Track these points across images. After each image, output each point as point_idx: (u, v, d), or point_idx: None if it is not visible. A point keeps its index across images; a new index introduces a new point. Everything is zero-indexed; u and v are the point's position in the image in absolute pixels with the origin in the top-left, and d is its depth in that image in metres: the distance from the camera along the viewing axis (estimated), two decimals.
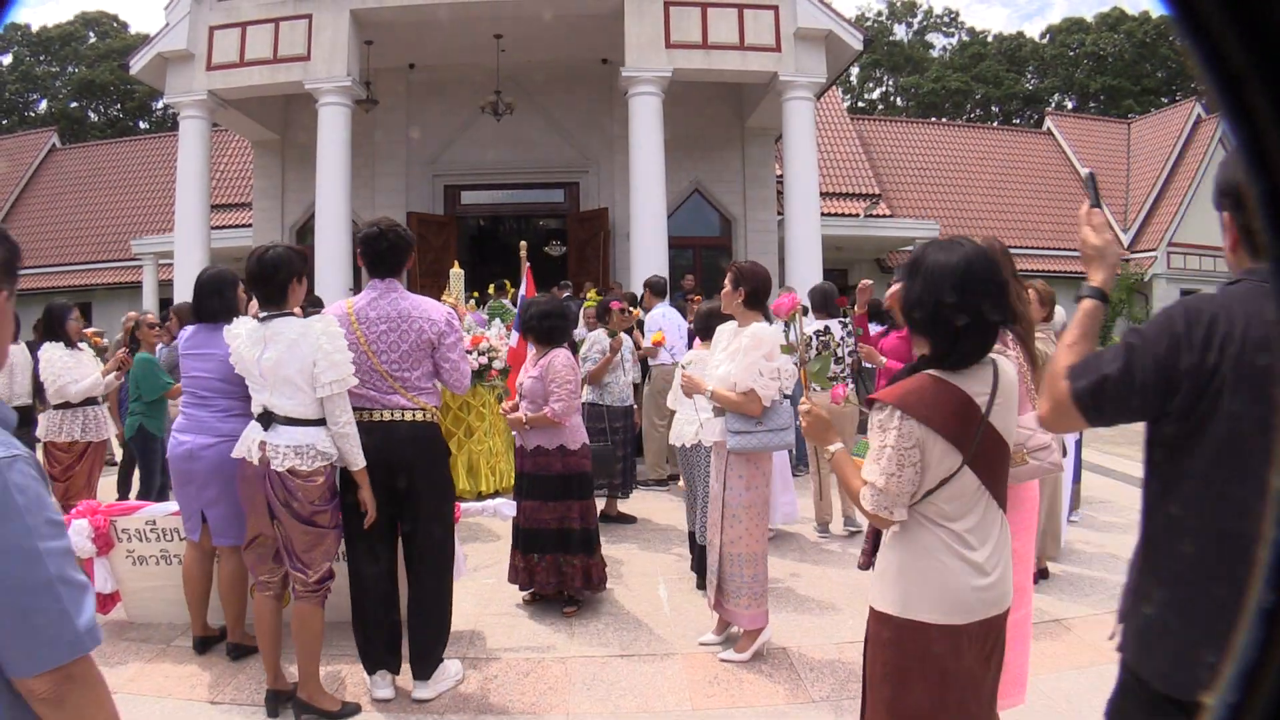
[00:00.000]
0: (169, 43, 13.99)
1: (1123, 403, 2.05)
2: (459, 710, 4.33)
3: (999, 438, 2.58)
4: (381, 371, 4.32)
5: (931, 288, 2.50)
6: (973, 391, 2.53)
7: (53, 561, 1.51)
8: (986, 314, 2.48)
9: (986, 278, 2.49)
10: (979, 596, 2.55)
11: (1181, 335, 1.97)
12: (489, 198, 18.02)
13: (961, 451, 2.49)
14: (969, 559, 2.54)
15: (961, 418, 2.50)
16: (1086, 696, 4.42)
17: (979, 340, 2.53)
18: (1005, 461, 2.65)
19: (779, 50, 13.53)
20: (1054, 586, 6.16)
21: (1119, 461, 10.59)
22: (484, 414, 8.62)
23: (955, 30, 59.05)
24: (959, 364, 2.53)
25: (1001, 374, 2.60)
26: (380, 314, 4.36)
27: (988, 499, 2.58)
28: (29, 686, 1.50)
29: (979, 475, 2.54)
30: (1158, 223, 29.37)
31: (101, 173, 29.99)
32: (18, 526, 1.47)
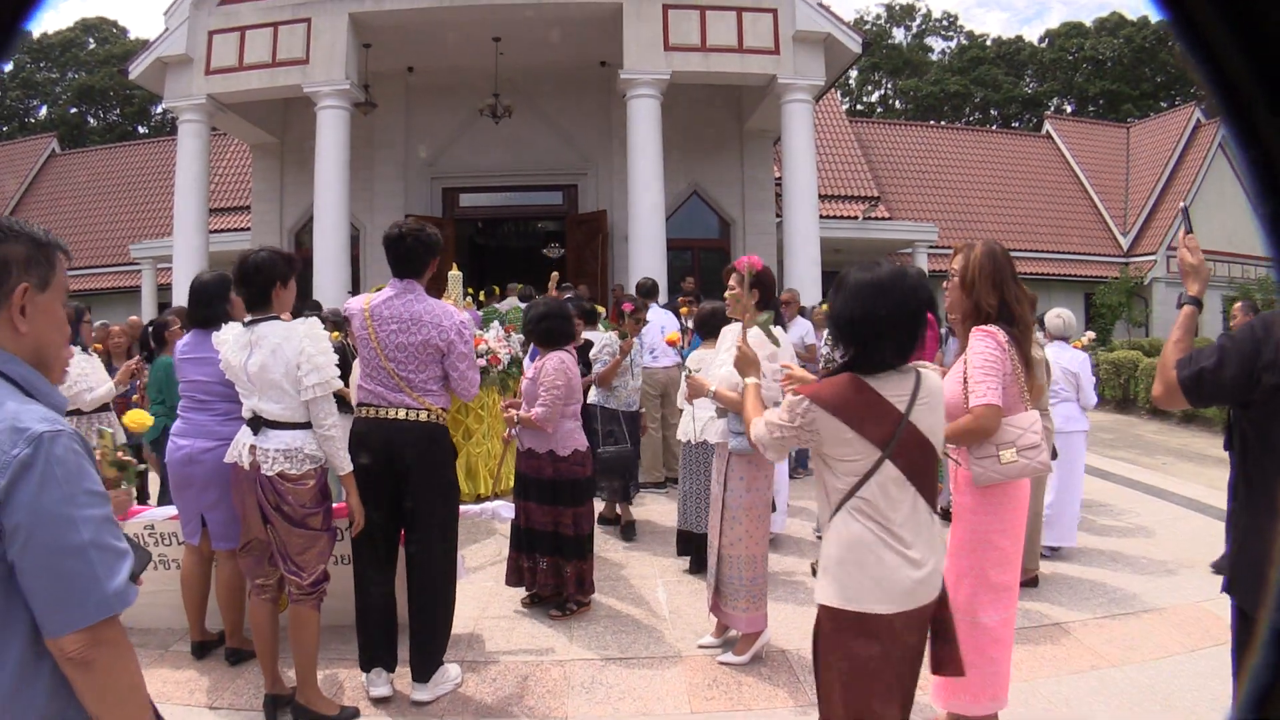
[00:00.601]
0: (168, 47, 14.03)
1: (1217, 390, 2.65)
2: (458, 713, 4.31)
3: (921, 437, 2.83)
4: (389, 370, 4.33)
5: (851, 302, 2.84)
6: (889, 394, 2.80)
7: (88, 528, 1.64)
8: (897, 328, 2.81)
9: (899, 296, 2.81)
10: (913, 587, 2.78)
11: (1261, 339, 2.54)
12: (487, 200, 18.05)
13: (879, 446, 2.77)
14: (902, 553, 2.77)
15: (876, 415, 2.79)
16: (1085, 701, 4.42)
17: (892, 349, 2.83)
18: (930, 459, 2.88)
19: (778, 53, 13.56)
20: (1053, 590, 6.14)
21: (1120, 465, 10.56)
22: (482, 416, 8.60)
23: (954, 34, 59.17)
24: (874, 369, 2.82)
25: (924, 380, 2.88)
26: (393, 313, 4.36)
27: (914, 494, 2.82)
28: (60, 646, 1.62)
29: (902, 470, 2.79)
30: (1157, 227, 29.40)
31: (101, 178, 30.03)
32: (55, 494, 1.61)
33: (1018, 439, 3.62)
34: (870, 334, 2.82)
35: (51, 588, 1.61)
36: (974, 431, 3.62)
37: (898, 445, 2.79)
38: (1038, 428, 3.68)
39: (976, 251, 3.80)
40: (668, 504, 8.49)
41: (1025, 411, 3.71)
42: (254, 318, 4.12)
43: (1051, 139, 33.70)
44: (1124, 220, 30.45)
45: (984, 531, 3.74)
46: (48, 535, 1.60)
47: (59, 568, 1.61)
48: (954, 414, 3.72)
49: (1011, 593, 3.82)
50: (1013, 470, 3.63)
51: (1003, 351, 3.62)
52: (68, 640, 1.62)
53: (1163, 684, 4.59)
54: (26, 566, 1.60)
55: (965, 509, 3.82)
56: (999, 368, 3.60)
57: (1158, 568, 6.67)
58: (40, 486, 1.60)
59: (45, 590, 1.61)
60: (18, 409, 1.65)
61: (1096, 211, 31.06)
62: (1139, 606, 5.83)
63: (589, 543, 5.64)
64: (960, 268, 3.86)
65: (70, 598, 1.62)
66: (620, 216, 15.46)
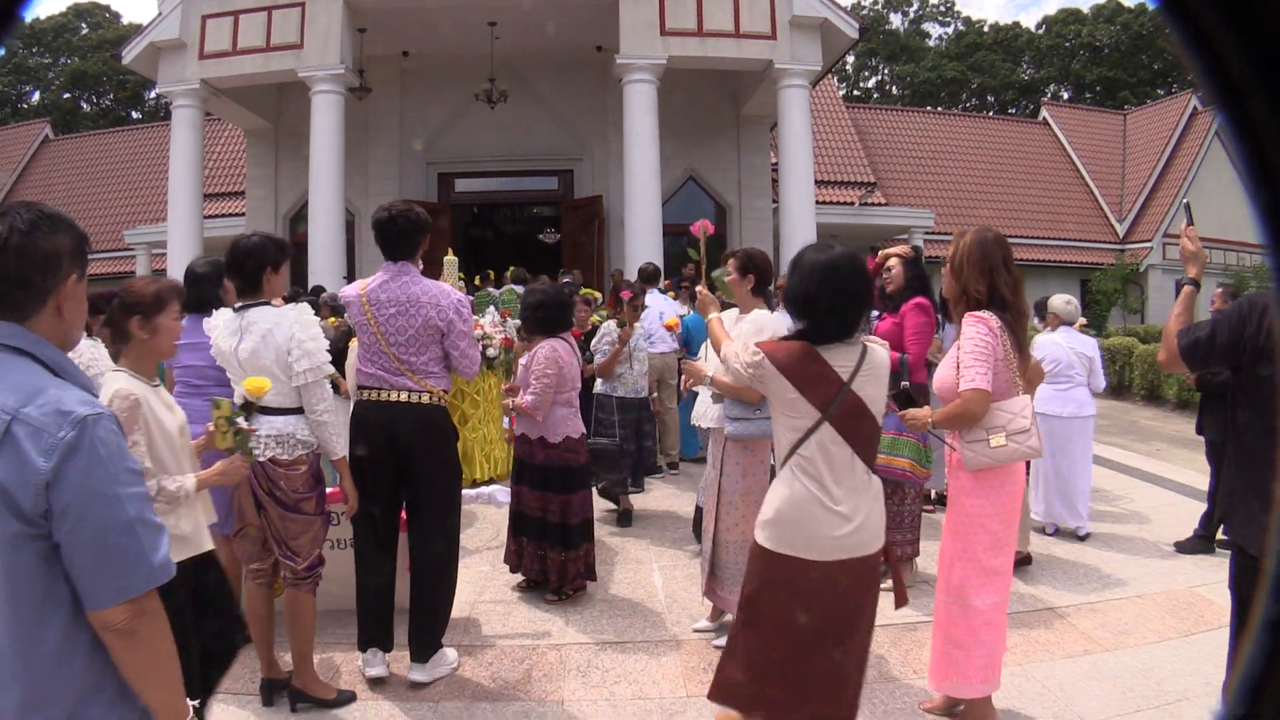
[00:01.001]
0: (161, 32, 13.95)
1: (1210, 354, 3.18)
2: (455, 697, 4.32)
3: (862, 405, 3.15)
4: (389, 354, 4.35)
5: (804, 280, 3.18)
6: (835, 363, 3.13)
7: (132, 505, 1.75)
8: (843, 304, 3.15)
9: (847, 275, 3.16)
10: (838, 541, 3.10)
11: (1246, 315, 3.09)
12: (483, 185, 18.00)
13: (820, 409, 3.11)
14: (833, 509, 3.09)
15: (819, 381, 3.12)
16: (1080, 685, 4.43)
17: (838, 323, 3.16)
18: (869, 427, 3.20)
19: (774, 38, 13.52)
20: (1047, 575, 6.15)
21: (1115, 451, 10.57)
22: (479, 401, 8.59)
23: (951, 20, 59.00)
24: (821, 340, 3.15)
25: (870, 353, 3.20)
26: (390, 297, 4.37)
27: (851, 455, 3.14)
28: (106, 618, 1.72)
29: (840, 432, 3.12)
30: (1153, 214, 29.42)
31: (94, 163, 29.94)
32: (101, 474, 1.70)
33: (1008, 424, 3.68)
34: (819, 309, 3.16)
35: (101, 563, 1.71)
36: (962, 416, 3.67)
37: (838, 410, 3.12)
38: (1028, 413, 3.72)
39: (967, 239, 3.85)
40: (664, 489, 8.50)
41: (1017, 396, 3.75)
42: (245, 303, 4.11)
43: (1048, 125, 33.68)
44: (1120, 207, 30.46)
45: (976, 515, 3.78)
46: (97, 514, 1.69)
47: (108, 544, 1.71)
48: (947, 398, 3.77)
49: (1004, 576, 3.86)
50: (1001, 455, 3.68)
51: (994, 337, 3.67)
52: (116, 611, 1.71)
53: (1156, 668, 4.61)
54: (76, 544, 1.69)
55: (959, 492, 3.87)
56: (989, 353, 3.64)
57: (1151, 552, 6.68)
58: (87, 467, 1.69)
59: (94, 565, 1.71)
60: (59, 393, 1.73)
61: (1093, 198, 31.06)
62: (1133, 591, 5.84)
63: (579, 533, 5.58)
64: (951, 254, 3.91)
65: (119, 571, 1.72)
66: (616, 202, 15.44)
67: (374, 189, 16.46)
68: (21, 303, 1.80)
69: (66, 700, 1.73)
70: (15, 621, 1.70)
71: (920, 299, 5.81)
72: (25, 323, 1.80)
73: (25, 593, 1.70)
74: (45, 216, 1.83)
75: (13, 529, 1.67)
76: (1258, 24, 0.69)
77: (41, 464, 1.66)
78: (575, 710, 4.20)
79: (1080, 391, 6.96)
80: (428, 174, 17.21)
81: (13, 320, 1.79)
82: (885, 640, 5.00)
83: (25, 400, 1.70)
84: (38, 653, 1.71)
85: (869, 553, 3.18)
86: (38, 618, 1.71)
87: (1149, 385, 16.11)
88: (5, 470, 1.66)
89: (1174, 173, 29.89)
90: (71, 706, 1.73)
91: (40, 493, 1.66)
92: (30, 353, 1.78)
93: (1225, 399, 6.63)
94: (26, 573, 1.70)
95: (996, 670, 3.87)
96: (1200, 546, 6.64)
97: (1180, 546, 6.71)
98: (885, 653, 4.83)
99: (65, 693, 1.73)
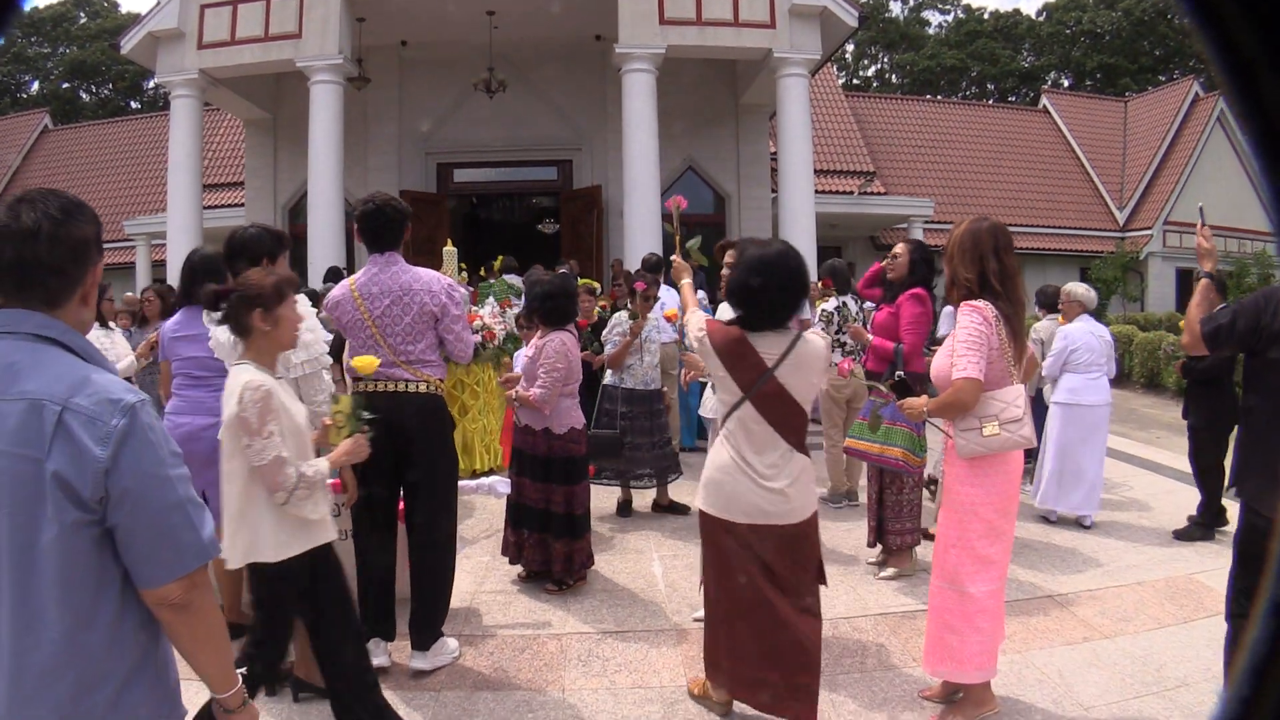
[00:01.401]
0: (160, 22, 13.91)
1: (1230, 338, 3.52)
2: (456, 686, 4.34)
3: (783, 391, 3.55)
4: (385, 346, 4.37)
5: (741, 272, 3.59)
6: (762, 350, 3.54)
7: (181, 485, 1.83)
8: (775, 295, 3.55)
9: (780, 270, 3.55)
10: (759, 505, 3.55)
11: (1263, 305, 3.43)
12: (482, 175, 17.96)
13: (742, 389, 3.56)
14: (754, 478, 3.54)
15: (745, 365, 3.55)
16: (1080, 672, 4.44)
17: (766, 313, 3.58)
18: (791, 411, 3.59)
19: (773, 26, 13.47)
20: (1046, 562, 6.17)
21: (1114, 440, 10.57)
22: (478, 392, 8.60)
23: (951, 7, 58.77)
24: (753, 328, 3.58)
25: (801, 343, 3.57)
26: (382, 288, 4.39)
27: (772, 433, 3.57)
28: (164, 594, 1.81)
29: (761, 413, 3.55)
30: (1154, 201, 29.37)
31: (94, 153, 29.86)
32: (152, 458, 1.78)
33: (1001, 412, 3.70)
34: (752, 299, 3.58)
35: (158, 542, 1.79)
36: (954, 404, 3.73)
37: (758, 393, 3.54)
38: (1022, 402, 3.75)
39: (961, 228, 3.89)
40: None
41: (1011, 386, 3.78)
42: None
43: (1048, 113, 33.58)
44: (1120, 195, 30.41)
45: (970, 503, 3.81)
46: (153, 496, 1.77)
47: (164, 523, 1.79)
48: (943, 386, 3.81)
49: (999, 564, 3.88)
50: (994, 443, 3.71)
51: (989, 326, 3.69)
52: (172, 587, 1.80)
53: (1155, 655, 4.63)
54: (134, 526, 1.76)
55: (953, 481, 3.89)
56: (983, 342, 3.67)
57: (1151, 539, 6.70)
58: (140, 453, 1.76)
59: (151, 545, 1.79)
60: (104, 381, 1.79)
61: (1093, 186, 31.01)
62: (1132, 578, 5.86)
63: (581, 523, 5.60)
64: (946, 243, 3.97)
65: (175, 549, 1.80)
66: (615, 191, 15.41)
67: (373, 179, 16.41)
68: (55, 291, 1.83)
69: (115, 681, 1.79)
70: (66, 610, 1.74)
71: (918, 290, 5.84)
72: (54, 311, 1.83)
73: (79, 579, 1.75)
74: (75, 204, 1.86)
75: (71, 517, 1.72)
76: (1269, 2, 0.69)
77: (99, 452, 1.71)
78: (576, 699, 4.22)
79: (1105, 380, 7.04)
80: (426, 164, 17.17)
81: (42, 309, 1.82)
82: (885, 628, 5.03)
83: (73, 390, 1.74)
84: (91, 638, 1.76)
85: (788, 522, 3.60)
86: (92, 603, 1.77)
87: (1149, 373, 16.14)
88: (63, 461, 1.70)
89: (1175, 160, 29.83)
90: (119, 687, 1.80)
91: (99, 480, 1.72)
92: (62, 342, 1.81)
93: (1210, 385, 6.74)
94: (82, 559, 1.75)
95: (993, 657, 3.90)
96: (1199, 533, 6.67)
97: (1179, 534, 6.74)
98: (885, 640, 4.85)
99: (115, 674, 1.79)
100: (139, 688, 1.84)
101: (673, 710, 4.10)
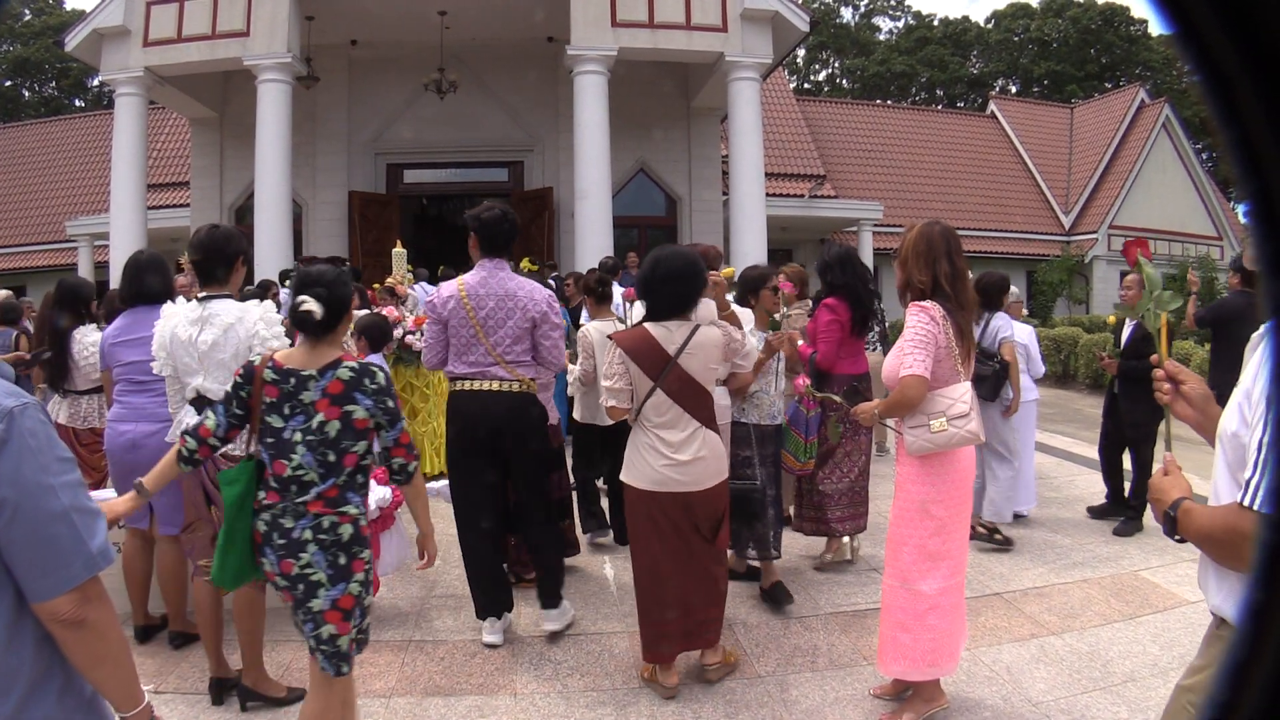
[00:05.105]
0: (105, 18, 13.67)
1: None
2: (407, 693, 4.29)
3: (687, 375, 4.07)
4: (486, 345, 4.66)
5: (641, 269, 4.23)
6: (663, 340, 4.06)
7: (66, 493, 1.72)
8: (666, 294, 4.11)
9: (667, 264, 4.10)
10: (669, 475, 4.07)
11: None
12: (432, 176, 17.85)
13: (651, 378, 4.05)
14: (664, 452, 4.07)
15: (651, 356, 4.05)
16: (1028, 668, 4.49)
17: (664, 303, 4.12)
18: (696, 392, 4.11)
19: (725, 30, 13.54)
20: (993, 561, 6.23)
21: (1060, 439, 10.75)
22: (428, 395, 8.53)
23: (901, 13, 59.46)
24: (655, 320, 4.12)
25: (699, 334, 4.09)
26: (489, 291, 4.68)
27: (681, 413, 4.09)
28: (52, 609, 1.70)
29: (671, 397, 4.07)
30: (1099, 206, 29.90)
31: (35, 152, 29.24)
32: (33, 465, 1.67)
33: (948, 409, 3.77)
34: (648, 293, 4.18)
35: (40, 554, 1.68)
36: (900, 402, 3.79)
37: (665, 379, 4.05)
38: (968, 398, 3.81)
39: (914, 231, 3.95)
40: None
41: (958, 383, 3.84)
42: (209, 294, 4.06)
43: (996, 119, 34.09)
44: (1066, 199, 30.93)
45: (921, 501, 3.85)
46: (32, 505, 1.67)
47: (46, 534, 1.68)
48: (893, 386, 3.85)
49: (950, 561, 3.90)
50: (941, 439, 3.77)
51: (936, 325, 3.74)
52: (60, 602, 1.70)
53: (1102, 650, 4.69)
54: (14, 537, 1.66)
55: (905, 479, 3.94)
56: (929, 341, 3.73)
57: (1097, 537, 6.78)
58: (19, 460, 1.65)
59: (34, 557, 1.68)
60: None
61: (1039, 190, 31.52)
62: (1078, 576, 5.93)
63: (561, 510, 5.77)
64: (899, 246, 4.02)
65: (59, 560, 1.70)
66: (566, 193, 15.38)
67: (321, 180, 16.28)
68: None
69: (18, 693, 1.70)
70: None
71: (829, 299, 5.98)
72: None
73: None
74: None
75: None
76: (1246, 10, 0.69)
77: None
78: (528, 703, 4.19)
79: (1023, 378, 7.09)
80: (376, 164, 17.03)
81: None
82: (835, 627, 5.05)
83: None
84: None
85: (697, 489, 4.12)
86: None
87: (1093, 374, 16.38)
88: None
89: (1120, 165, 30.41)
90: (22, 700, 1.71)
91: None
92: None
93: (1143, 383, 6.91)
94: None
95: (945, 654, 3.91)
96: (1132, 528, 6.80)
97: (1118, 531, 6.85)
98: (835, 640, 4.87)
99: (15, 685, 1.70)
100: (46, 700, 1.75)
101: (625, 712, 4.08)
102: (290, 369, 3.06)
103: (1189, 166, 30.96)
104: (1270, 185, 0.71)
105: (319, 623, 3.03)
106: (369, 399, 3.05)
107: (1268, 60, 0.68)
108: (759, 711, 4.09)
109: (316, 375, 3.03)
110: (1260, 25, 0.68)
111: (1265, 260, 0.73)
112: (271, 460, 3.05)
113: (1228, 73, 0.71)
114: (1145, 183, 29.36)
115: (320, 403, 3.02)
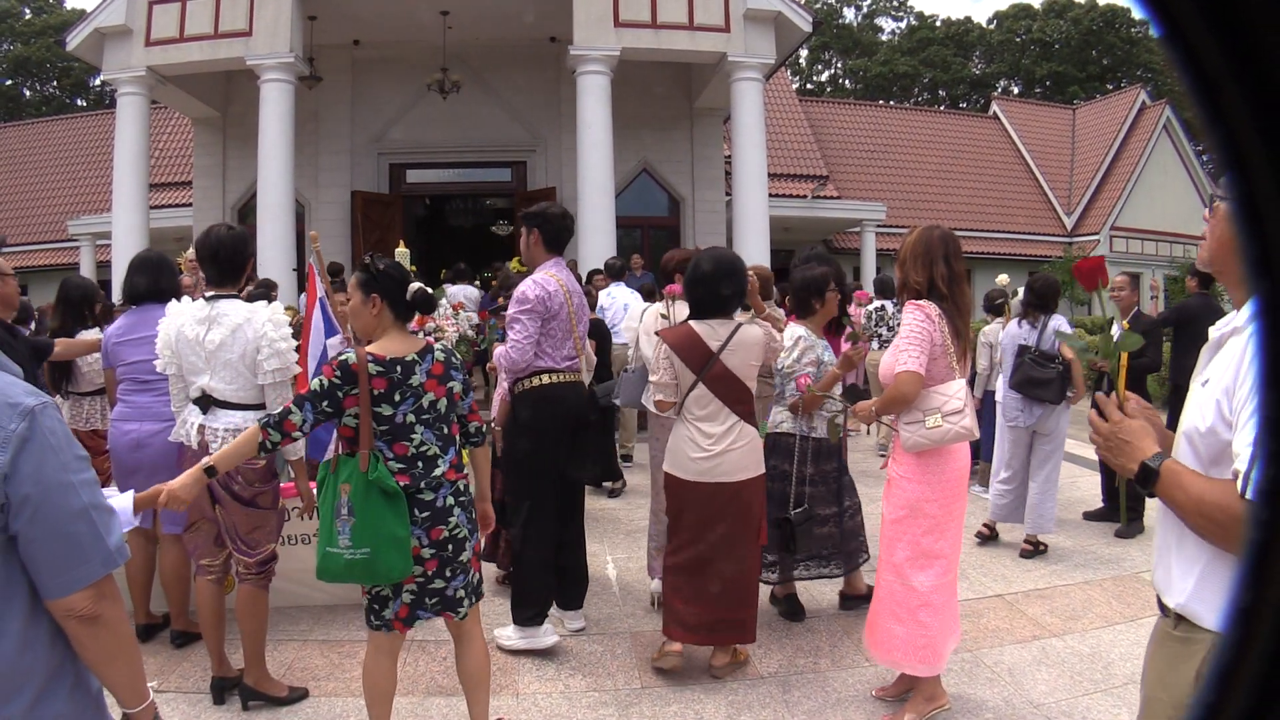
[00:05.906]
0: (107, 18, 13.64)
1: None
2: (409, 693, 4.29)
3: (728, 371, 4.24)
4: (575, 337, 4.76)
5: (690, 274, 4.36)
6: (707, 336, 4.24)
7: (85, 491, 1.75)
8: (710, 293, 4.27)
9: (710, 265, 4.27)
10: (701, 465, 4.25)
11: None
12: (435, 176, 17.80)
13: (695, 372, 4.24)
14: (701, 445, 4.25)
15: (695, 352, 4.24)
16: (1029, 670, 4.49)
17: (708, 307, 4.30)
18: (737, 388, 4.28)
19: (728, 30, 13.52)
20: (994, 562, 6.24)
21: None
22: None
23: (904, 14, 59.40)
24: (699, 318, 4.31)
25: (741, 331, 4.26)
26: (574, 288, 4.83)
27: (721, 407, 4.25)
28: (69, 605, 1.72)
29: (711, 391, 4.24)
30: (1101, 207, 29.86)
31: (37, 151, 29.21)
32: (54, 463, 1.70)
33: (943, 405, 3.83)
34: (694, 291, 4.33)
35: (61, 551, 1.71)
36: (895, 399, 3.85)
37: (708, 374, 4.22)
38: (963, 395, 3.87)
39: (914, 235, 4.02)
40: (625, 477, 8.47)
41: (953, 380, 3.90)
42: (216, 294, 4.07)
43: (998, 120, 34.02)
44: (1068, 200, 30.88)
45: (915, 498, 3.90)
46: (54, 503, 1.69)
47: (66, 531, 1.71)
48: (889, 384, 3.90)
49: (944, 559, 3.94)
50: (936, 435, 3.82)
51: (932, 324, 3.81)
52: (77, 598, 1.72)
53: (1104, 652, 4.69)
54: (36, 534, 1.68)
55: (899, 476, 3.99)
56: (925, 338, 3.79)
57: (1098, 539, 6.78)
58: (41, 458, 1.68)
59: (54, 554, 1.70)
60: (2, 384, 1.72)
61: (1041, 191, 31.47)
62: (1080, 578, 5.94)
63: None
64: (900, 248, 4.09)
65: (79, 557, 1.72)
66: (569, 193, 15.35)
67: (324, 180, 16.26)
68: None
69: (32, 691, 1.71)
70: None
71: None
72: None
73: None
74: None
75: None
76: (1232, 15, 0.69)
77: None
78: (530, 703, 4.20)
79: None
80: (379, 164, 17.00)
81: None
82: (839, 629, 5.05)
83: None
84: (1, 646, 1.69)
85: (730, 480, 4.25)
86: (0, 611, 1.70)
87: (1094, 375, 16.32)
88: None
89: (1122, 166, 30.37)
90: (36, 698, 1.72)
91: None
92: None
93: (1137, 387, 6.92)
94: None
95: (936, 653, 3.92)
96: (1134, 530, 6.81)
97: (1120, 533, 6.85)
98: (838, 641, 4.88)
99: (30, 683, 1.71)
100: (58, 698, 1.77)
101: (627, 712, 4.09)
102: (393, 358, 3.23)
103: (1190, 168, 30.94)
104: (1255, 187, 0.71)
105: (468, 571, 3.40)
106: (458, 373, 3.40)
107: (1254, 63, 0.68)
108: (761, 712, 4.10)
109: (418, 359, 3.27)
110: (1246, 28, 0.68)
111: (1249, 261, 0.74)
112: (390, 444, 3.22)
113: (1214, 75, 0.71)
114: (1147, 184, 29.35)
115: (429, 384, 3.28)
